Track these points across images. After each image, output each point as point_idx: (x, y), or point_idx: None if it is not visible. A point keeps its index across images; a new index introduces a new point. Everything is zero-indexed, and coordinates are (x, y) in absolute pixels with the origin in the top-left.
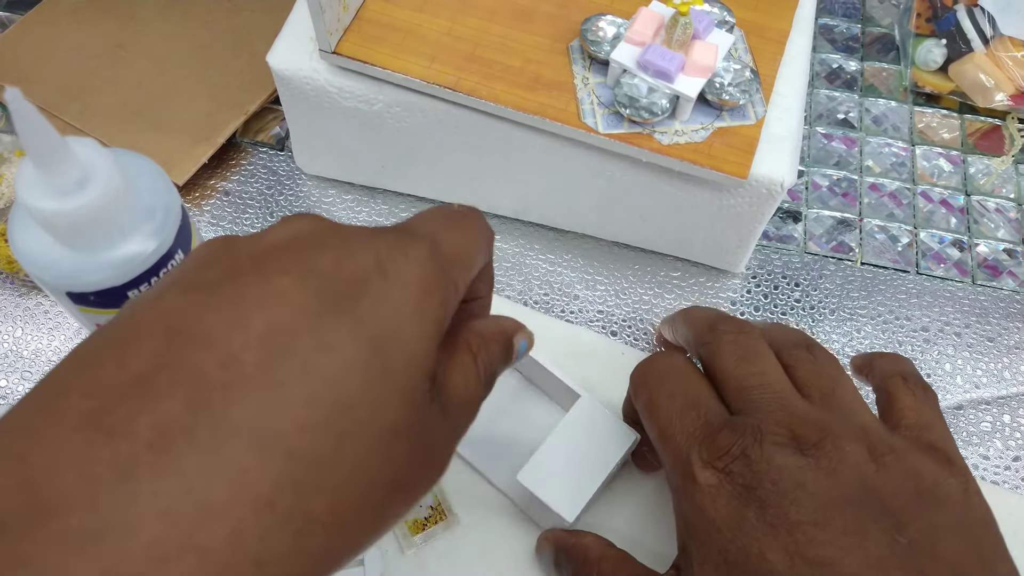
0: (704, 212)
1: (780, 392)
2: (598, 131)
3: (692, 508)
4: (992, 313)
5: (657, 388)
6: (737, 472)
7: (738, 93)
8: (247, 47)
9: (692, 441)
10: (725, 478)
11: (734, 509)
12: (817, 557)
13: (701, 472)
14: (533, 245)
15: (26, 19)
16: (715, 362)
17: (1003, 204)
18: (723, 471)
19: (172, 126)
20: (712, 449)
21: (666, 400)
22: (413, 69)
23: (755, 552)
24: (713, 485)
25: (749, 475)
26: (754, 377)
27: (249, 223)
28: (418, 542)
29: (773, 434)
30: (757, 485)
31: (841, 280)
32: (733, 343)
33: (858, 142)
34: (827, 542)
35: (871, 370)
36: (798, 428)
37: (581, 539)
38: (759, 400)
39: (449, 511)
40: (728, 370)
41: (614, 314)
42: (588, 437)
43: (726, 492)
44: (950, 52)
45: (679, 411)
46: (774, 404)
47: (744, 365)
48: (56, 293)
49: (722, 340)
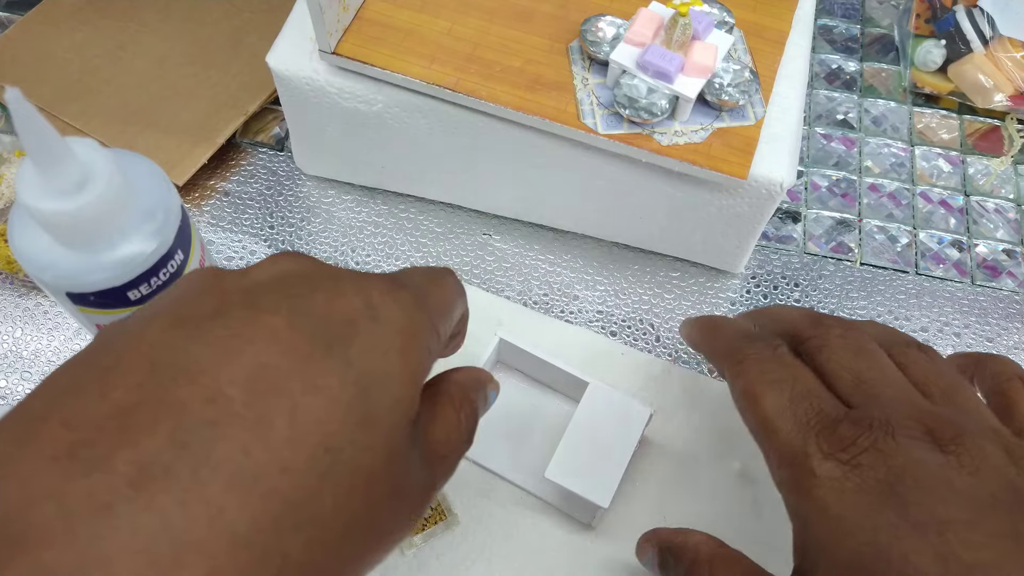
0: (703, 212)
1: (903, 387)
2: (597, 131)
3: (812, 507)
4: (991, 313)
5: (759, 375)
6: (868, 465)
7: (737, 94)
8: (247, 48)
9: (807, 432)
10: (852, 471)
11: (867, 506)
12: (974, 561)
13: (821, 464)
14: (533, 245)
15: (26, 19)
16: (825, 356)
17: (1002, 205)
18: (848, 463)
19: (172, 126)
20: (834, 440)
21: (772, 388)
22: (413, 69)
23: (898, 555)
24: (836, 478)
25: (884, 469)
26: (872, 371)
27: (248, 223)
28: (418, 542)
29: (906, 427)
30: (896, 480)
31: (840, 280)
32: (843, 338)
33: (857, 143)
34: (983, 545)
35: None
36: (931, 423)
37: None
38: (882, 394)
39: (449, 511)
40: (842, 364)
41: (613, 314)
42: (604, 422)
43: (853, 487)
44: (949, 53)
45: (790, 400)
46: (900, 398)
47: (860, 360)
48: (56, 293)
49: (831, 334)
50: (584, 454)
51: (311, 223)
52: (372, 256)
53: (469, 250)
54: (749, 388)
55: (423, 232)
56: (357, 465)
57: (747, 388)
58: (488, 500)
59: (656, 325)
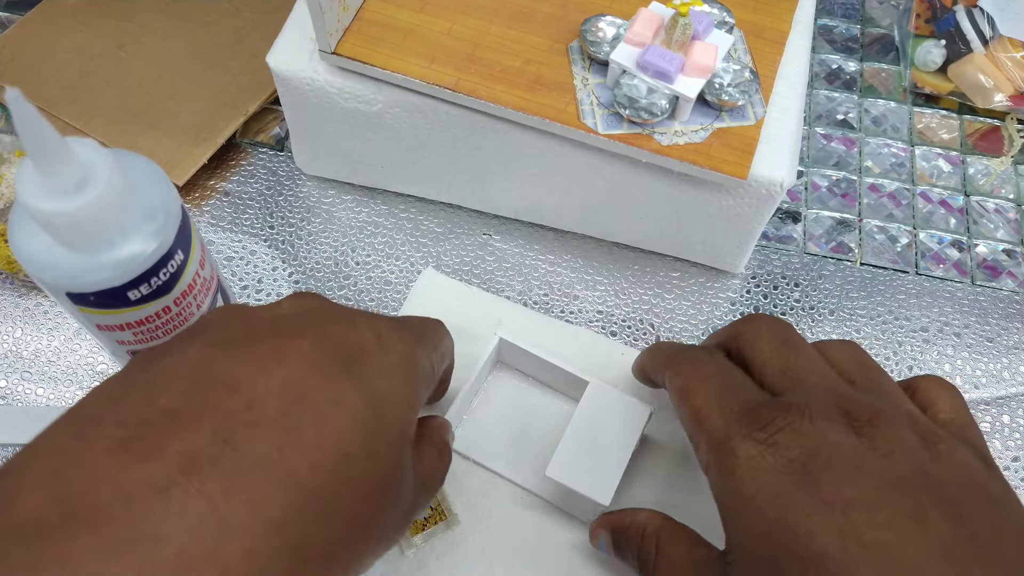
0: (703, 213)
1: (826, 375)
2: (597, 132)
3: (732, 486)
4: (991, 313)
5: (693, 373)
6: (783, 444)
7: (737, 94)
8: (247, 48)
9: (731, 417)
10: (767, 450)
11: (779, 484)
12: (874, 540)
13: (740, 444)
14: (533, 245)
15: (26, 20)
16: (754, 347)
17: (1002, 205)
18: (765, 443)
19: (172, 126)
20: (753, 421)
21: (703, 383)
22: (413, 70)
23: (803, 532)
24: (753, 456)
25: (798, 448)
26: (799, 360)
27: (249, 223)
28: (418, 542)
29: (823, 411)
30: (809, 460)
31: (840, 280)
32: (773, 328)
33: (857, 143)
34: (885, 524)
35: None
36: (849, 406)
37: (636, 516)
38: (806, 380)
39: (448, 511)
40: (769, 352)
41: (614, 314)
42: (605, 420)
43: (768, 465)
44: (949, 53)
45: (717, 392)
46: (822, 384)
47: (786, 349)
48: (56, 293)
49: (760, 327)
50: (585, 452)
51: (311, 223)
52: (372, 256)
53: (469, 250)
54: (684, 385)
55: (423, 232)
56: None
57: (682, 386)
58: (488, 500)
59: (656, 325)
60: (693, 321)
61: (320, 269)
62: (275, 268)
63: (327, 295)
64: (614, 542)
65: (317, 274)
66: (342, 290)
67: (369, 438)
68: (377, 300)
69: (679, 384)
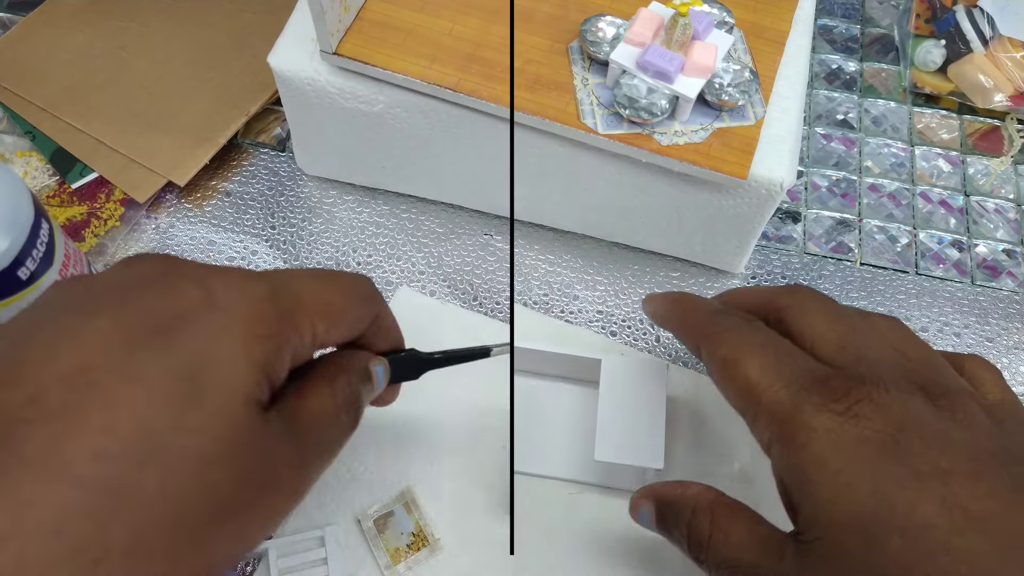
0: (703, 213)
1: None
2: (597, 131)
3: (809, 460)
4: (991, 313)
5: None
6: (866, 416)
7: (737, 94)
8: (248, 48)
9: (798, 387)
10: (849, 422)
11: (868, 457)
12: (981, 510)
13: (815, 416)
14: (533, 245)
15: (28, 20)
16: (803, 319)
17: (1002, 205)
18: (845, 414)
19: (173, 127)
20: (826, 392)
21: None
22: (414, 70)
23: (902, 503)
24: (833, 430)
25: (882, 420)
26: (855, 334)
27: (250, 224)
28: (402, 571)
29: (898, 382)
30: (897, 431)
31: (840, 280)
32: (821, 301)
33: (857, 143)
34: (989, 495)
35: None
36: (921, 380)
37: (688, 489)
38: (867, 355)
39: (431, 536)
40: (822, 325)
41: (614, 314)
42: (630, 388)
43: (852, 438)
44: (949, 53)
45: (774, 363)
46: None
47: (840, 323)
48: None
49: (807, 300)
50: (623, 425)
51: (312, 223)
52: (374, 256)
53: (470, 250)
54: (731, 355)
55: (424, 232)
56: (185, 447)
57: (729, 355)
58: (471, 522)
59: (656, 325)
60: None
61: None
62: (276, 268)
63: None
64: (659, 516)
65: None
66: None
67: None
68: None
69: (723, 354)
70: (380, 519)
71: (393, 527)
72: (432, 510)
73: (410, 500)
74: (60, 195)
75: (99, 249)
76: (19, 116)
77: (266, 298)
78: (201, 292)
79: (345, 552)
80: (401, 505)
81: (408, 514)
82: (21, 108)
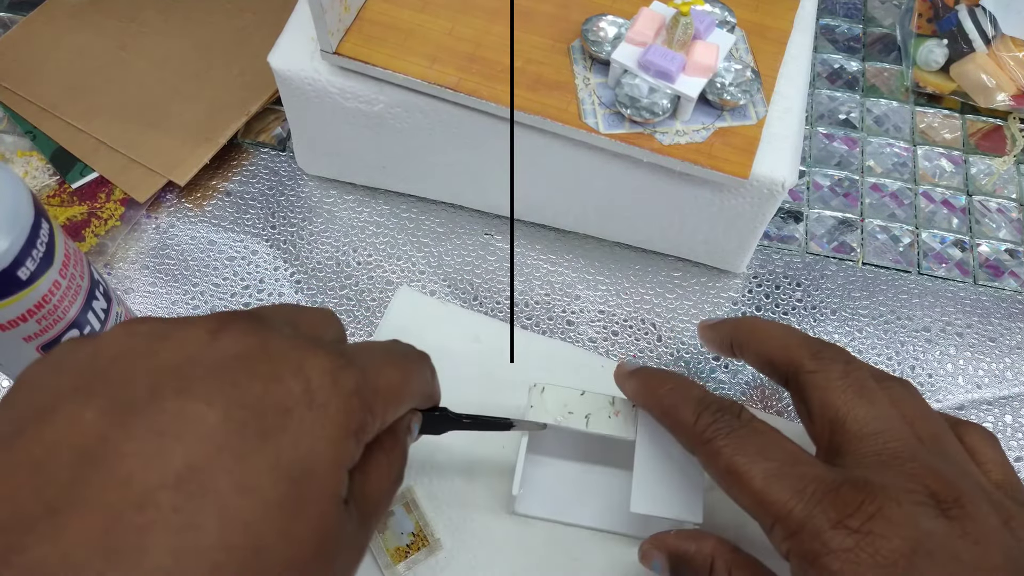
0: (705, 212)
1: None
2: (599, 131)
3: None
4: (994, 313)
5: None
6: (880, 534)
7: (739, 93)
8: (248, 48)
9: (808, 501)
10: (864, 540)
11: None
12: None
13: (833, 536)
14: (534, 245)
15: (28, 20)
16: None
17: (1005, 204)
18: (859, 532)
19: (174, 126)
20: (838, 506)
21: (756, 460)
22: (414, 69)
23: None
24: (850, 549)
25: (896, 539)
26: (876, 422)
27: (250, 223)
28: (401, 570)
29: (911, 492)
30: (910, 552)
31: (843, 280)
32: (844, 376)
33: (859, 142)
34: None
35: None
36: (932, 484)
37: (703, 544)
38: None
39: (431, 536)
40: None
41: (615, 314)
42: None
43: (868, 558)
44: (952, 52)
45: (779, 469)
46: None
47: (859, 406)
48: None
49: (831, 371)
50: (659, 476)
51: (313, 223)
52: (374, 256)
53: (471, 250)
54: (731, 466)
55: (424, 232)
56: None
57: (729, 466)
58: (472, 522)
59: (658, 325)
60: (695, 321)
61: (322, 269)
62: (277, 268)
63: (329, 295)
64: (671, 568)
65: (319, 274)
66: (343, 290)
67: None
68: (379, 300)
69: (724, 465)
70: None
71: (393, 527)
72: (432, 510)
73: (410, 500)
74: (60, 195)
75: (99, 249)
76: (19, 116)
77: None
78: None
79: None
80: (401, 505)
81: (408, 514)
82: (21, 108)
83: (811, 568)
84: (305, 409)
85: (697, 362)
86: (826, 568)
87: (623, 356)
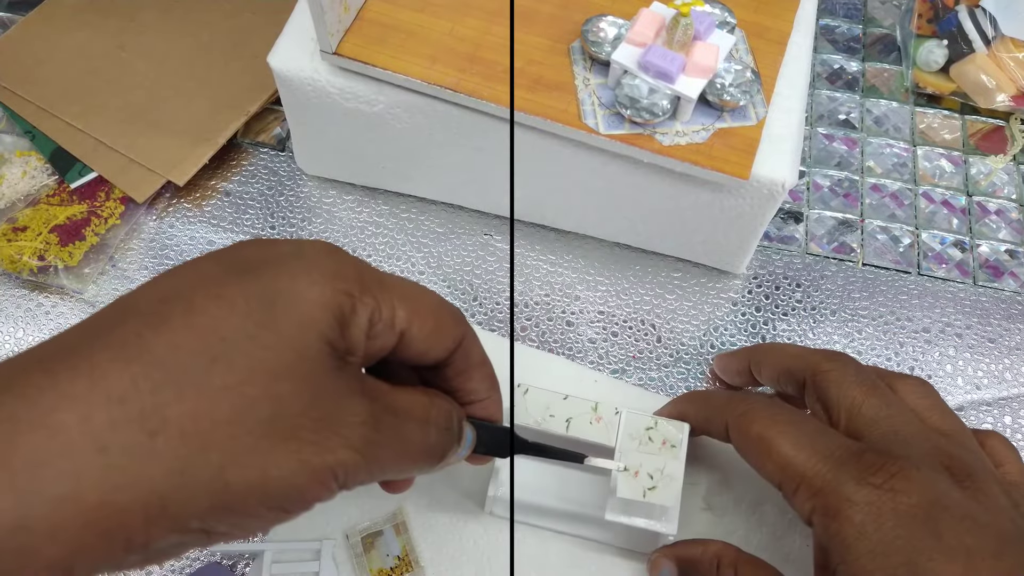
0: (705, 213)
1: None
2: (599, 132)
3: (851, 531)
4: (993, 314)
5: (770, 419)
6: (902, 490)
7: (739, 94)
8: (248, 48)
9: (835, 463)
10: (887, 495)
11: (904, 529)
12: None
13: (857, 490)
14: (534, 246)
15: (27, 20)
16: (841, 390)
17: (1005, 205)
18: (883, 488)
19: (173, 127)
20: (863, 466)
21: (785, 429)
22: (414, 70)
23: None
24: (873, 502)
25: (916, 495)
26: (888, 408)
27: (250, 223)
28: None
29: (927, 460)
30: (930, 506)
31: (842, 281)
32: (857, 374)
33: (859, 143)
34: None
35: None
36: (947, 460)
37: (708, 547)
38: (900, 430)
39: (415, 563)
40: (858, 398)
41: (615, 315)
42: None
43: (890, 510)
44: (951, 53)
45: (808, 437)
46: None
47: (875, 396)
48: None
49: (846, 371)
50: None
51: (312, 223)
52: (373, 256)
53: (470, 250)
54: (762, 433)
55: (424, 232)
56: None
57: (761, 433)
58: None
59: (658, 326)
60: (695, 322)
61: None
62: None
63: None
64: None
65: None
66: None
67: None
68: None
69: (756, 432)
70: (368, 537)
71: (380, 547)
72: (420, 536)
73: (401, 522)
74: (60, 194)
75: (100, 247)
76: (18, 116)
77: (352, 264)
78: (293, 247)
79: (339, 569)
80: (391, 526)
81: (397, 536)
82: (20, 108)
83: (833, 522)
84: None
85: (696, 363)
86: (849, 520)
87: (623, 356)
